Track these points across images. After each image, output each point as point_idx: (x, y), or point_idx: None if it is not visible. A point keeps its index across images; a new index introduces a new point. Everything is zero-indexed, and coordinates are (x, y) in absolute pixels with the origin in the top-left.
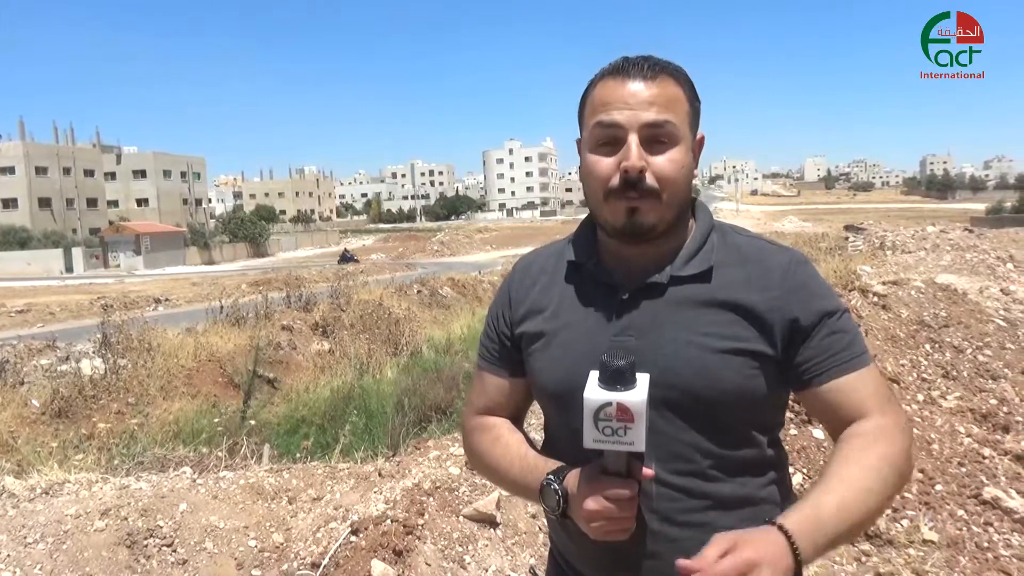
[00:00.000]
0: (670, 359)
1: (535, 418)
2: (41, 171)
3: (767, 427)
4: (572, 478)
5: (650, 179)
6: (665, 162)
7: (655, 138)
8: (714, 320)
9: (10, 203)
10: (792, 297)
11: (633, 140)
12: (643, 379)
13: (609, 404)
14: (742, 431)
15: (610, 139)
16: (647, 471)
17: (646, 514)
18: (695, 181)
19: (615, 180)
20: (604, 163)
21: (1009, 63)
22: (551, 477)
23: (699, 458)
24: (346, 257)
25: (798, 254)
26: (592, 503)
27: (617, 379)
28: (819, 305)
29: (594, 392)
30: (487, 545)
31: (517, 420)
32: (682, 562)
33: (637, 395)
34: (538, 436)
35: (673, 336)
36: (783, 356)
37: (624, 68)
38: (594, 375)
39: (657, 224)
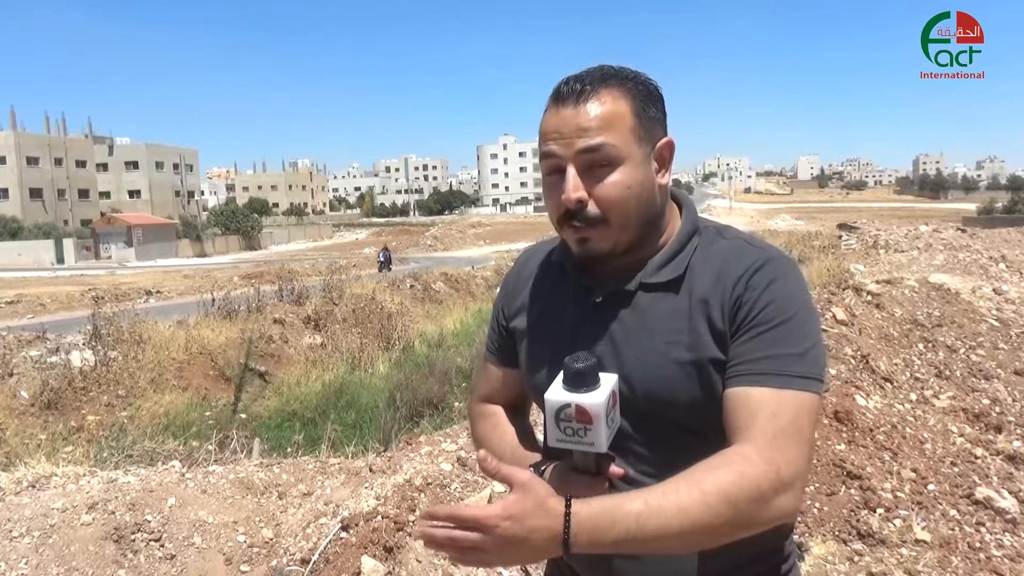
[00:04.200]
0: (633, 367)
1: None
2: (32, 161)
3: None
4: (549, 472)
5: (592, 207)
6: (608, 187)
7: (594, 163)
8: (679, 329)
9: (1, 193)
10: (737, 295)
11: (570, 172)
12: (608, 381)
13: (568, 405)
14: (715, 437)
15: (554, 168)
16: (616, 470)
17: None
18: (688, 179)
19: (562, 210)
20: (553, 195)
21: (1004, 64)
22: (530, 470)
23: (668, 463)
24: (386, 260)
25: (773, 252)
26: None
27: (578, 381)
28: (758, 306)
29: (555, 393)
30: None
31: (517, 408)
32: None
33: (596, 398)
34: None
35: (637, 343)
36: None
37: (559, 94)
38: (559, 377)
39: (614, 248)
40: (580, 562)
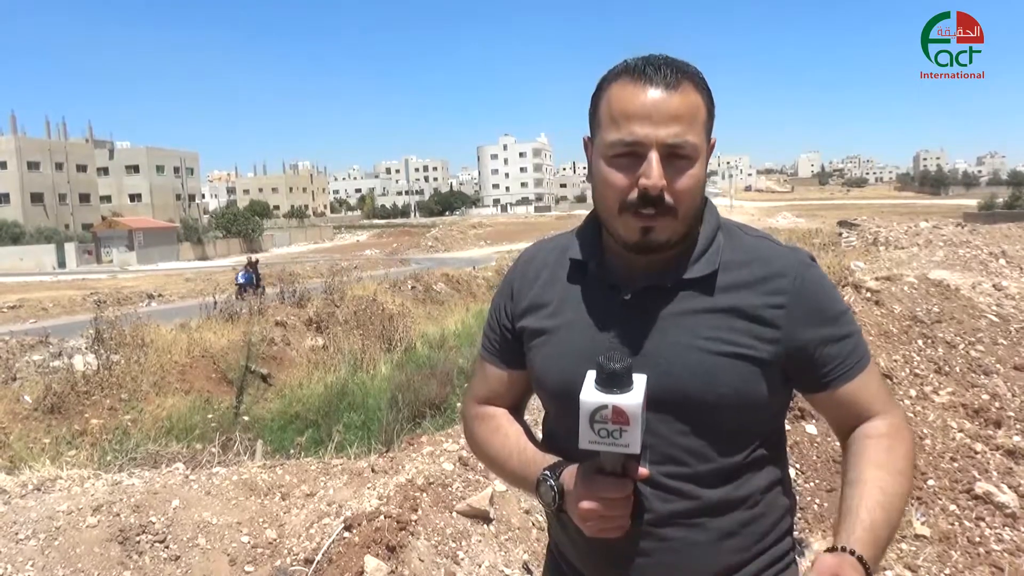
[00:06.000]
0: (670, 363)
1: (537, 411)
2: (33, 166)
3: (767, 431)
4: (568, 474)
5: (668, 198)
6: (685, 179)
7: (675, 155)
8: (716, 324)
9: (2, 198)
10: (798, 308)
11: (654, 157)
12: (640, 381)
13: (605, 407)
14: (741, 436)
15: (629, 154)
16: (643, 471)
17: (643, 515)
18: None
19: (633, 195)
20: (620, 178)
21: (1004, 61)
22: (547, 473)
23: (694, 462)
24: (249, 280)
25: (804, 256)
26: (587, 503)
27: (613, 381)
28: (826, 316)
29: (590, 394)
30: (480, 541)
31: (517, 410)
32: None
33: (633, 398)
34: (538, 430)
35: (674, 340)
36: (787, 363)
37: (645, 73)
38: (591, 376)
39: (671, 239)
40: (587, 564)
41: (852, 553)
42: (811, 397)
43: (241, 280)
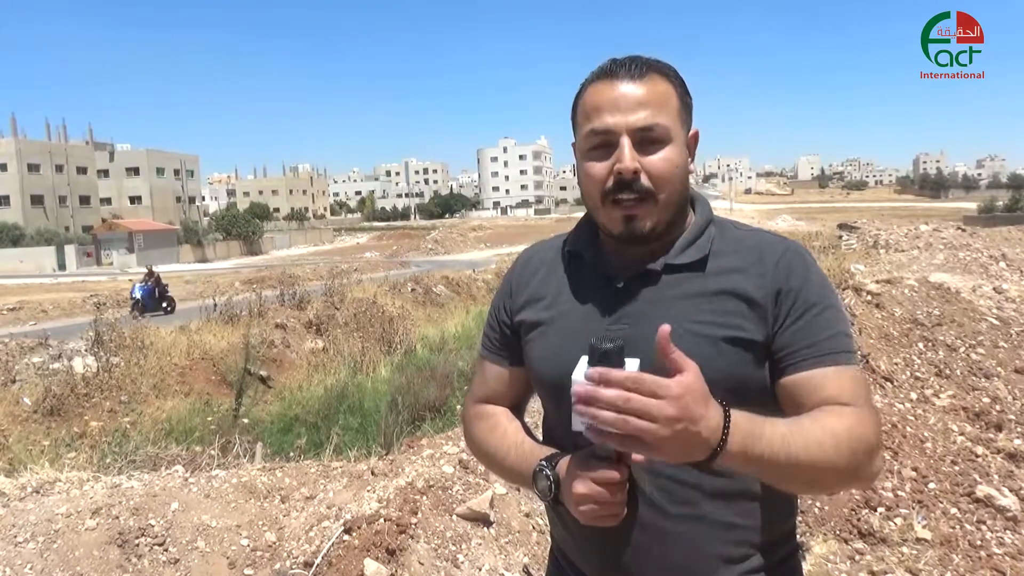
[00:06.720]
0: None
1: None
2: (33, 168)
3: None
4: (564, 464)
5: (644, 180)
6: (659, 162)
7: (647, 139)
8: (710, 309)
9: (2, 200)
10: (780, 283)
11: (625, 142)
12: (632, 363)
13: None
14: None
15: (602, 144)
16: (637, 456)
17: (639, 506)
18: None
19: (609, 182)
20: (598, 167)
21: (1004, 63)
22: (543, 463)
23: None
24: (148, 293)
25: (796, 245)
26: (581, 486)
27: (605, 361)
28: (804, 293)
29: (581, 375)
30: (480, 544)
31: (517, 409)
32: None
33: None
34: (539, 433)
35: (665, 324)
36: (770, 346)
37: (612, 70)
38: (583, 360)
39: (655, 226)
40: (584, 556)
41: (726, 412)
42: (776, 384)
43: (138, 294)
